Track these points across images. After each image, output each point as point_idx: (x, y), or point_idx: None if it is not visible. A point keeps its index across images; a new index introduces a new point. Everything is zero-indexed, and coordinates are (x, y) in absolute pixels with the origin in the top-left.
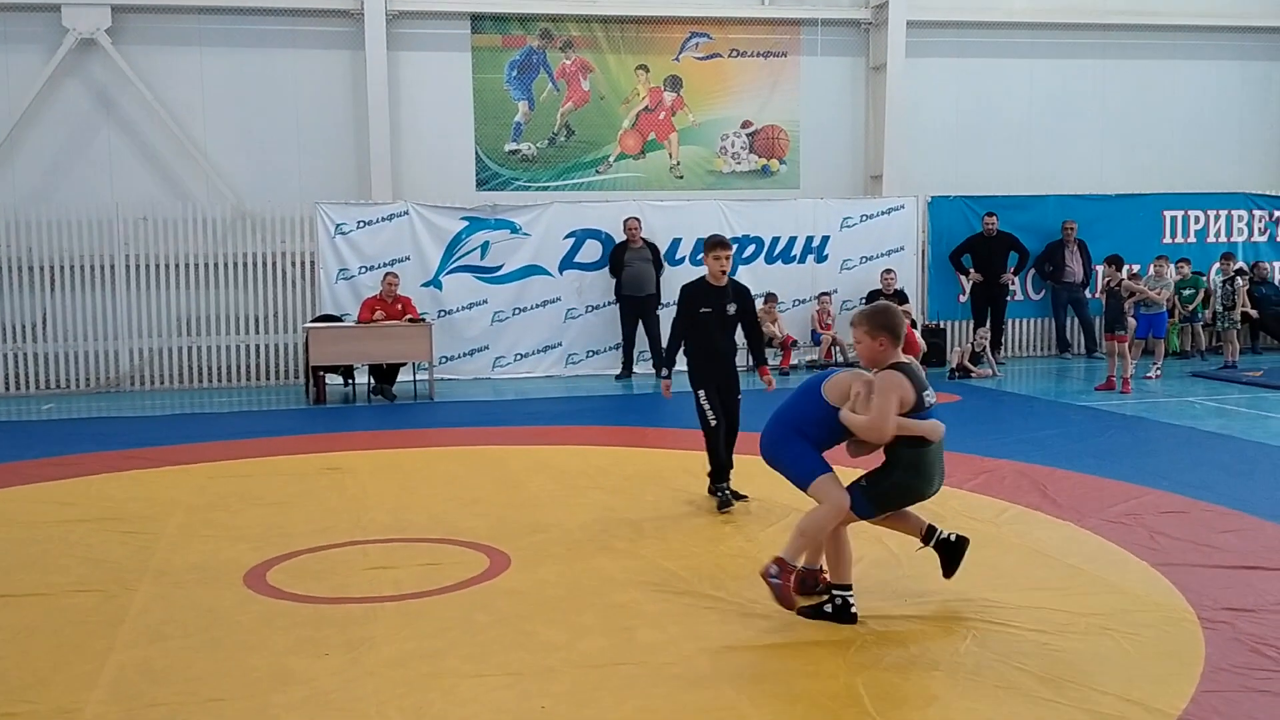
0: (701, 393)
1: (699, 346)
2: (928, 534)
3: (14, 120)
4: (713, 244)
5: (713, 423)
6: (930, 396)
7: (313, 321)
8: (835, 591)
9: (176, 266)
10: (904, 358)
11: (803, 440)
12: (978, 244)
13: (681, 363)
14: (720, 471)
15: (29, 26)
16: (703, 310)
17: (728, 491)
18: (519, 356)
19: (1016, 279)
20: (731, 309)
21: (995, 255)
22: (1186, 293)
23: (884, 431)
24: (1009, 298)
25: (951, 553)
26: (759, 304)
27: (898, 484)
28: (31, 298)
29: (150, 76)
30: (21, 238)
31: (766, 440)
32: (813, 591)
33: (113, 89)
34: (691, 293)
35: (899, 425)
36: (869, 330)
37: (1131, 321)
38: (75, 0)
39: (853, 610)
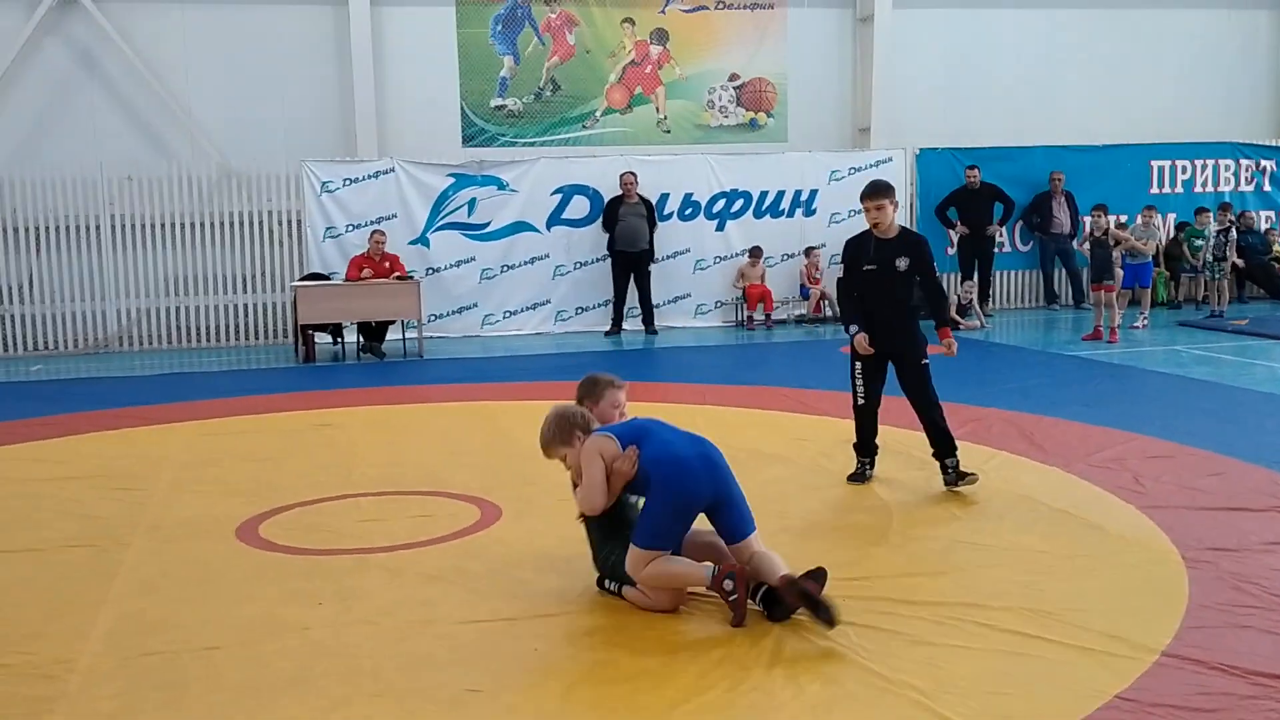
0: (858, 365)
1: (864, 309)
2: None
3: None
4: (863, 194)
5: (859, 401)
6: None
7: (300, 280)
8: None
9: (162, 226)
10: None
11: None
12: (962, 197)
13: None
14: (863, 445)
15: None
16: (866, 267)
17: (866, 467)
18: (508, 314)
19: (1003, 230)
20: (902, 264)
21: (980, 207)
22: (1197, 243)
23: (595, 502)
24: (996, 249)
25: (770, 605)
26: (743, 260)
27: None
28: (17, 259)
29: (132, 34)
30: (5, 199)
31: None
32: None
33: (94, 47)
34: (852, 248)
35: (616, 475)
36: (561, 442)
37: (1119, 272)
38: None
39: None
